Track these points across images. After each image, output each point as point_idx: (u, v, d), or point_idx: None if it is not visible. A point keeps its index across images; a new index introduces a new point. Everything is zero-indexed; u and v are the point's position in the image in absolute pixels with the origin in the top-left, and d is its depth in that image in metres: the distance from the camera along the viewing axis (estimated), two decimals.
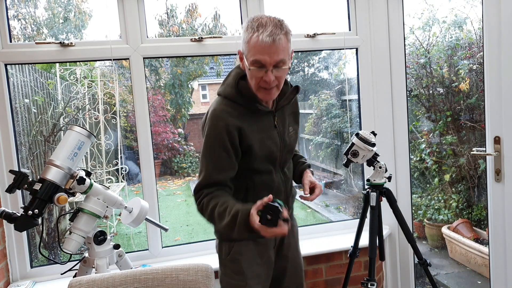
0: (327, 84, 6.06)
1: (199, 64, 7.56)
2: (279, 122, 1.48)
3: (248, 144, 1.39)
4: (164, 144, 7.53)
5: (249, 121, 1.40)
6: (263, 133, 1.43)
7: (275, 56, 1.27)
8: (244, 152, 1.40)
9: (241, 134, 1.37)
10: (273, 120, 1.46)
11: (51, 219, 3.30)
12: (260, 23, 1.27)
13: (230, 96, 1.41)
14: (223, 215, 1.31)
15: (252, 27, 1.27)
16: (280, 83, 1.36)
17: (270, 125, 1.46)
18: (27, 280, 2.12)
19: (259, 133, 1.42)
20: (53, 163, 1.62)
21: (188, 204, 6.09)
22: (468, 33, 3.82)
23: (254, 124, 1.41)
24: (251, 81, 1.36)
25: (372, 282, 1.82)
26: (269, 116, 1.46)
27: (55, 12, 4.99)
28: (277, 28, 1.27)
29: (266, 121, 1.45)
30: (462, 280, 3.33)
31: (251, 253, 1.51)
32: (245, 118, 1.39)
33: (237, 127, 1.36)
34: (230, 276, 1.53)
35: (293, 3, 3.90)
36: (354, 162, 1.86)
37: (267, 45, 1.25)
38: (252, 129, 1.40)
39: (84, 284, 1.35)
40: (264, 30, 1.25)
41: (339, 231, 2.55)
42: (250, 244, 1.51)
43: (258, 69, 1.30)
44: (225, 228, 1.31)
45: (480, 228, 3.66)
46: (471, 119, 3.80)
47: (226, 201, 1.34)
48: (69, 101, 3.64)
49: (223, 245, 1.53)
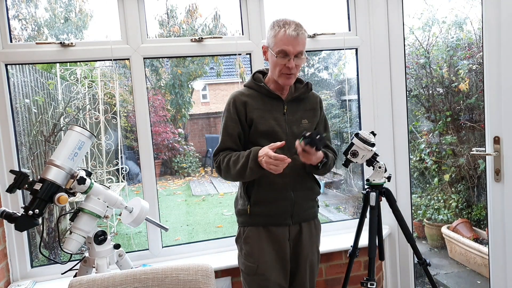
0: (327, 84, 6.06)
1: (199, 64, 7.56)
2: (289, 111, 1.70)
3: (251, 117, 1.65)
4: (164, 144, 7.53)
5: (257, 100, 1.67)
6: (268, 113, 1.67)
7: (297, 47, 1.57)
8: (250, 124, 1.66)
9: (246, 107, 1.65)
10: (283, 108, 1.69)
11: (51, 219, 3.31)
12: (285, 22, 1.57)
13: (246, 84, 1.74)
14: (237, 160, 1.59)
15: (278, 25, 1.58)
16: (297, 71, 1.65)
17: (279, 110, 1.68)
18: (28, 280, 2.13)
19: (264, 112, 1.66)
20: (54, 163, 1.63)
21: (188, 204, 6.09)
22: (468, 33, 3.82)
23: (262, 104, 1.67)
24: (274, 70, 1.63)
25: (371, 282, 1.82)
26: (279, 104, 1.69)
27: (55, 12, 4.99)
28: (299, 26, 1.58)
29: (275, 105, 1.69)
30: (462, 280, 3.33)
31: (262, 239, 1.68)
32: (254, 98, 1.68)
33: (243, 102, 1.66)
34: (245, 257, 1.72)
35: (293, 3, 3.90)
36: (353, 162, 1.86)
37: (292, 38, 1.55)
38: (257, 106, 1.66)
39: (85, 284, 1.35)
40: (289, 27, 1.56)
41: (339, 231, 2.55)
42: (261, 231, 1.68)
43: (283, 58, 1.58)
44: (240, 169, 1.57)
45: (480, 228, 3.66)
46: (470, 119, 3.80)
47: (239, 152, 1.64)
48: (70, 101, 3.64)
49: (240, 229, 1.75)
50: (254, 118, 1.64)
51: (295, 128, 1.69)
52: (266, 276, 1.67)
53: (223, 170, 1.65)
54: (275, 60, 1.59)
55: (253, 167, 1.55)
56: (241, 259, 1.74)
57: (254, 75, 1.72)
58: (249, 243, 1.69)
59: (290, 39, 1.55)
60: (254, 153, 1.56)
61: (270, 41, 1.60)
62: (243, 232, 1.72)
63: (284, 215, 1.68)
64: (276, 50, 1.58)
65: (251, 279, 1.70)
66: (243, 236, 1.71)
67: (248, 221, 1.70)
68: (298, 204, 1.68)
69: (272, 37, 1.59)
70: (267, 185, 1.64)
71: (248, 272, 1.71)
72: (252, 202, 1.67)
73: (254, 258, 1.68)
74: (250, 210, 1.67)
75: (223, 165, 1.64)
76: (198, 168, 7.88)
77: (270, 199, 1.66)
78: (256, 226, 1.69)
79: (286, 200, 1.66)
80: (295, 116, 1.70)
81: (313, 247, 1.78)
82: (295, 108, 1.71)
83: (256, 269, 1.67)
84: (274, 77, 1.65)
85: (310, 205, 1.76)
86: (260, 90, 1.68)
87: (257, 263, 1.67)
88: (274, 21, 1.61)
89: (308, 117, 1.73)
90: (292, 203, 1.67)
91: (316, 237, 1.80)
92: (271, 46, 1.60)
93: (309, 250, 1.75)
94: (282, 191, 1.66)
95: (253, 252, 1.68)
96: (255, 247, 1.68)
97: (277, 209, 1.67)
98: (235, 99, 1.67)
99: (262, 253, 1.67)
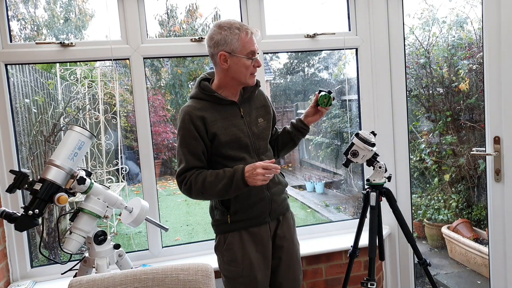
0: (327, 84, 6.06)
1: (199, 64, 7.56)
2: (246, 113, 1.69)
3: (212, 131, 1.60)
4: (164, 144, 7.52)
5: (212, 111, 1.62)
6: (228, 121, 1.63)
7: (256, 43, 1.62)
8: (211, 139, 1.62)
9: (205, 122, 1.59)
10: (239, 111, 1.67)
11: (51, 219, 3.30)
12: (234, 25, 1.57)
13: (194, 95, 1.67)
14: (217, 180, 1.56)
15: (232, 30, 1.56)
16: None
17: (236, 115, 1.66)
18: (27, 280, 2.13)
19: (223, 121, 1.62)
20: (54, 163, 1.63)
21: (188, 204, 6.09)
22: (468, 33, 3.82)
23: (217, 113, 1.62)
24: (244, 72, 1.61)
25: (372, 282, 1.82)
26: (234, 108, 1.67)
27: (55, 12, 4.99)
28: (244, 25, 1.60)
29: (230, 111, 1.66)
30: (462, 280, 3.33)
31: (244, 242, 1.67)
32: (208, 109, 1.62)
33: (200, 117, 1.59)
34: (228, 263, 1.70)
35: (293, 3, 3.90)
36: (354, 162, 1.86)
37: (254, 38, 1.60)
38: (215, 117, 1.61)
39: (85, 284, 1.35)
40: (246, 28, 1.58)
41: (339, 231, 2.55)
42: (244, 234, 1.67)
43: (251, 59, 1.59)
44: (222, 189, 1.55)
45: (480, 228, 3.66)
46: (470, 119, 3.80)
47: (214, 171, 1.59)
48: (70, 101, 3.64)
49: (220, 237, 1.72)
50: (216, 131, 1.60)
51: (254, 128, 1.69)
52: (251, 277, 1.67)
53: (196, 191, 1.59)
54: (245, 63, 1.58)
55: (239, 185, 1.54)
56: (223, 266, 1.73)
57: (201, 84, 1.66)
58: (231, 249, 1.67)
59: (253, 39, 1.60)
60: (239, 173, 1.54)
61: (234, 46, 1.57)
62: (224, 239, 1.69)
63: (263, 214, 1.70)
64: (245, 53, 1.58)
65: (236, 282, 1.70)
66: (225, 243, 1.69)
67: (228, 228, 1.69)
68: (274, 201, 1.72)
69: (236, 41, 1.56)
70: (244, 192, 1.62)
71: (233, 276, 1.70)
72: (231, 211, 1.66)
73: (238, 262, 1.67)
74: (231, 219, 1.66)
75: (196, 186, 1.58)
76: None
77: (249, 204, 1.66)
78: (237, 230, 1.68)
79: (263, 200, 1.69)
80: (251, 116, 1.71)
81: (293, 237, 1.82)
82: (249, 109, 1.71)
83: (241, 272, 1.67)
84: (243, 80, 1.63)
85: (283, 198, 1.79)
86: (212, 99, 1.63)
87: (242, 267, 1.67)
88: (224, 26, 1.57)
89: (261, 115, 1.75)
90: (269, 201, 1.70)
91: (294, 227, 1.84)
92: (237, 51, 1.57)
93: (290, 242, 1.79)
94: (259, 193, 1.67)
95: (237, 257, 1.67)
96: (238, 252, 1.67)
97: (257, 211, 1.68)
98: (190, 115, 1.59)
99: (246, 256, 1.67)
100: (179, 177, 1.63)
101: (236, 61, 1.58)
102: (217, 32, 1.57)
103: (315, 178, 5.90)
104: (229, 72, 1.61)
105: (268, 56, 2.92)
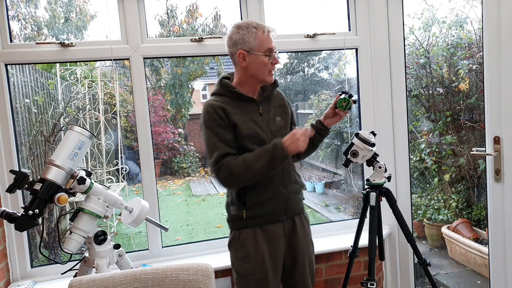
0: (327, 84, 6.07)
1: (199, 64, 7.56)
2: (264, 111, 1.72)
3: (234, 121, 1.62)
4: (164, 144, 7.53)
5: (232, 106, 1.65)
6: (247, 116, 1.66)
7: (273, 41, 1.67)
8: (233, 129, 1.64)
9: (226, 113, 1.62)
10: (258, 109, 1.71)
11: (51, 219, 3.31)
12: (252, 24, 1.63)
13: (215, 92, 1.71)
14: (258, 157, 1.58)
15: (249, 30, 1.62)
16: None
17: (255, 112, 1.69)
18: (28, 280, 2.13)
19: (243, 116, 1.65)
20: (54, 163, 1.63)
21: (188, 204, 6.09)
22: (468, 33, 3.82)
23: (238, 108, 1.65)
24: (263, 70, 1.65)
25: (371, 282, 1.82)
26: (253, 105, 1.70)
27: (55, 12, 4.99)
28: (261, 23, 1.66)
29: (250, 108, 1.69)
30: (462, 280, 3.33)
31: (258, 239, 1.68)
32: (229, 104, 1.65)
33: (221, 107, 1.62)
34: (241, 259, 1.71)
35: (293, 3, 3.90)
36: (353, 162, 1.86)
37: (271, 36, 1.65)
38: (235, 111, 1.64)
39: (85, 284, 1.35)
40: (263, 27, 1.63)
41: (339, 231, 2.55)
42: (258, 232, 1.69)
43: (270, 55, 1.64)
44: (265, 164, 1.57)
45: (480, 228, 3.66)
46: (470, 119, 3.80)
47: (251, 152, 1.61)
48: (70, 101, 3.65)
49: (234, 232, 1.73)
50: (237, 122, 1.62)
51: (272, 126, 1.72)
52: (263, 275, 1.69)
53: (238, 174, 1.58)
54: (263, 60, 1.63)
55: (282, 155, 1.57)
56: (236, 262, 1.74)
57: (222, 82, 1.71)
58: (245, 245, 1.69)
59: (270, 37, 1.65)
60: (278, 144, 1.58)
61: (252, 44, 1.62)
62: (238, 235, 1.71)
63: (279, 211, 1.71)
64: (263, 50, 1.63)
65: (247, 279, 1.71)
66: (239, 239, 1.70)
67: (243, 224, 1.70)
68: (290, 199, 1.73)
69: (253, 39, 1.62)
70: (260, 187, 1.66)
71: (245, 273, 1.71)
72: (247, 206, 1.67)
73: (251, 259, 1.68)
74: (247, 215, 1.68)
75: (238, 169, 1.57)
76: (198, 168, 7.88)
77: (265, 199, 1.68)
78: (252, 227, 1.69)
79: (279, 197, 1.70)
80: (269, 115, 1.73)
81: (308, 238, 1.83)
82: (267, 107, 1.74)
83: (253, 269, 1.68)
84: (261, 77, 1.67)
85: (299, 198, 1.81)
86: (233, 95, 1.67)
87: (254, 264, 1.68)
88: (242, 26, 1.63)
89: (279, 114, 1.77)
90: (285, 199, 1.72)
91: (308, 229, 1.85)
92: (255, 49, 1.62)
93: (305, 243, 1.80)
94: (274, 188, 1.69)
95: (250, 254, 1.68)
96: (251, 249, 1.68)
97: (272, 208, 1.70)
98: (213, 107, 1.62)
99: (259, 253, 1.68)
100: (215, 165, 1.59)
101: (254, 59, 1.63)
102: (235, 32, 1.63)
103: (315, 178, 5.91)
104: (248, 70, 1.65)
105: None
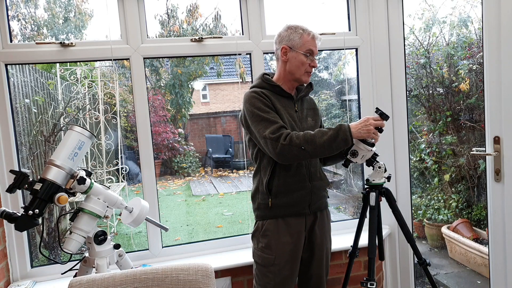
0: (327, 84, 6.06)
1: (199, 64, 7.56)
2: (299, 109, 1.84)
3: (276, 108, 1.73)
4: (164, 144, 7.53)
5: (273, 98, 1.75)
6: (284, 109, 1.76)
7: (317, 49, 1.79)
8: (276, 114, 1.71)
9: (270, 99, 1.73)
10: (294, 106, 1.82)
11: (51, 219, 3.30)
12: (301, 27, 1.77)
13: (257, 85, 1.81)
14: (320, 133, 1.62)
15: (298, 29, 1.76)
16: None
17: (291, 108, 1.80)
18: (28, 280, 2.13)
19: (281, 107, 1.75)
20: (54, 163, 1.63)
21: (188, 204, 6.09)
22: (468, 33, 3.82)
23: (277, 100, 1.75)
24: (300, 68, 1.76)
25: (371, 282, 1.82)
26: (290, 101, 1.81)
27: (55, 12, 4.99)
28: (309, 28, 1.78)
29: (287, 103, 1.80)
30: (462, 280, 3.33)
31: (280, 231, 1.76)
32: (269, 95, 1.75)
33: (265, 94, 1.73)
34: (261, 249, 1.78)
35: (293, 3, 3.90)
36: (353, 162, 1.86)
37: (315, 40, 1.77)
38: (276, 102, 1.74)
39: (85, 284, 1.35)
40: (310, 31, 1.77)
41: (339, 231, 2.55)
42: (280, 223, 1.76)
43: (309, 57, 1.76)
44: (327, 140, 1.60)
45: (480, 228, 3.66)
46: (471, 119, 3.80)
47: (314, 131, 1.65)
48: (70, 101, 3.64)
49: (258, 223, 1.81)
50: (279, 109, 1.73)
51: (304, 124, 1.82)
52: (281, 266, 1.75)
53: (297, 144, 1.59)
54: (302, 59, 1.75)
55: (345, 137, 1.61)
56: (257, 252, 1.81)
57: (264, 77, 1.81)
58: (268, 235, 1.76)
59: (314, 41, 1.77)
60: (345, 126, 1.63)
61: (296, 43, 1.75)
62: (262, 226, 1.78)
63: (303, 204, 1.78)
64: (304, 50, 1.75)
65: (267, 270, 1.77)
66: (262, 230, 1.77)
67: (268, 215, 1.77)
68: (314, 193, 1.81)
69: (298, 38, 1.75)
70: (287, 177, 1.74)
71: (264, 263, 1.77)
72: (273, 194, 1.74)
73: (272, 250, 1.75)
74: (272, 203, 1.74)
75: (299, 139, 1.59)
76: (198, 168, 7.88)
77: (290, 189, 1.75)
78: (275, 218, 1.76)
79: (304, 190, 1.77)
80: (303, 114, 1.85)
81: (327, 234, 1.91)
82: (301, 107, 1.86)
83: (273, 260, 1.75)
84: (298, 75, 1.77)
85: (323, 195, 1.89)
86: (274, 89, 1.77)
87: (275, 255, 1.75)
88: (292, 26, 1.77)
89: (311, 115, 1.88)
90: (310, 192, 1.79)
91: (328, 225, 1.93)
92: (297, 47, 1.75)
93: (324, 238, 1.88)
94: (301, 181, 1.76)
95: (271, 245, 1.75)
96: (273, 240, 1.75)
97: (296, 199, 1.76)
98: (256, 92, 1.72)
99: (280, 245, 1.75)
100: (275, 134, 1.61)
101: (295, 56, 1.75)
102: (284, 30, 1.78)
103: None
104: (287, 66, 1.77)
105: (268, 56, 2.92)
